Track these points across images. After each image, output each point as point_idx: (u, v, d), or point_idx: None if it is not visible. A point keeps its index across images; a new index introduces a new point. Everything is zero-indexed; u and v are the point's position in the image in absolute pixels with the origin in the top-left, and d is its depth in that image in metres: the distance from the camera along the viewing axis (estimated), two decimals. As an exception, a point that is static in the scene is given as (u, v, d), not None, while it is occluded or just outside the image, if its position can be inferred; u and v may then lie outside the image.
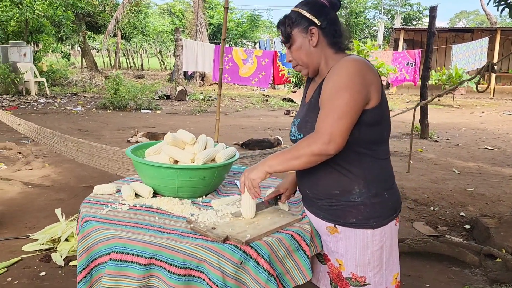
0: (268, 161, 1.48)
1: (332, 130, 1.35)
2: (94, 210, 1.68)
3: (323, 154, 1.38)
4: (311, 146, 1.37)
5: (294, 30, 1.51)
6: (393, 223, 1.54)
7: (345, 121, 1.36)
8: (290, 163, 1.43)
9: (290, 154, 1.43)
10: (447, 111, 13.34)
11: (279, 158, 1.46)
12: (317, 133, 1.38)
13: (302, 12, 1.50)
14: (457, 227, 3.85)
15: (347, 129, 1.37)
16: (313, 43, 1.49)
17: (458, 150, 7.21)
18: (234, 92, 17.82)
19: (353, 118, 1.38)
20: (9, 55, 12.51)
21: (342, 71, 1.40)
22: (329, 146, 1.35)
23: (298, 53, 1.53)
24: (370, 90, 1.41)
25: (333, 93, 1.39)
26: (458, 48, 14.81)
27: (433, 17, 7.49)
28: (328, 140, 1.35)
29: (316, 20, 1.48)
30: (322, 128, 1.37)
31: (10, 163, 5.42)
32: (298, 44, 1.51)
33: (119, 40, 26.56)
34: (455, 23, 51.30)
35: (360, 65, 1.41)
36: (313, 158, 1.39)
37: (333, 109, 1.37)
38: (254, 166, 1.51)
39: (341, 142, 1.36)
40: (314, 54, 1.51)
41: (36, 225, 3.53)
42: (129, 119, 9.54)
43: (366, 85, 1.40)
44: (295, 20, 1.50)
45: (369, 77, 1.41)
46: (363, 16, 29.21)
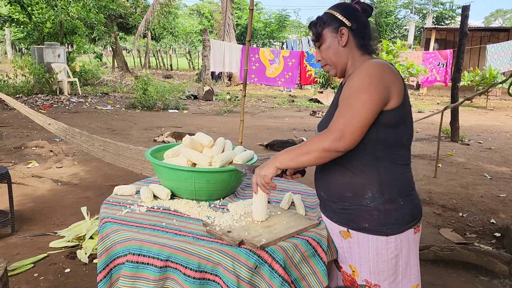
0: (279, 156, 1.49)
1: (343, 127, 1.35)
2: (113, 211, 1.71)
3: (333, 150, 1.37)
4: (322, 142, 1.38)
5: (325, 30, 1.55)
6: (410, 232, 1.50)
7: (358, 120, 1.36)
8: (301, 158, 1.43)
9: (301, 150, 1.43)
10: (480, 113, 12.92)
11: (290, 153, 1.46)
12: (329, 130, 1.39)
13: (334, 13, 1.54)
14: (486, 234, 3.72)
15: (360, 128, 1.37)
16: (342, 42, 1.52)
17: (490, 154, 6.96)
18: (260, 93, 17.83)
19: (368, 118, 1.37)
20: (44, 56, 12.95)
21: (362, 73, 1.42)
22: (340, 143, 1.35)
23: (327, 52, 1.56)
24: (390, 92, 1.40)
25: (351, 93, 1.40)
26: (493, 48, 14.28)
27: (465, 16, 7.26)
28: (339, 137, 1.35)
29: (346, 22, 1.52)
30: (334, 125, 1.38)
31: (42, 160, 5.60)
32: (327, 44, 1.55)
33: (149, 41, 27.07)
34: (491, 22, 49.61)
35: (381, 67, 1.42)
36: (323, 154, 1.39)
37: (348, 107, 1.38)
38: (265, 163, 1.52)
39: (352, 140, 1.36)
40: (342, 53, 1.54)
41: (64, 222, 3.63)
42: (156, 119, 9.69)
43: (386, 86, 1.39)
44: (326, 20, 1.55)
45: (389, 79, 1.41)
46: (393, 16, 28.65)
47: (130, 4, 22.40)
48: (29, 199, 4.17)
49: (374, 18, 27.80)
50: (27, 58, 13.22)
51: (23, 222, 3.60)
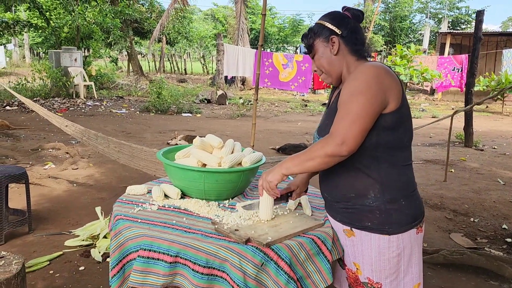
0: (285, 163, 1.53)
1: (345, 132, 1.39)
2: (126, 209, 1.78)
3: (336, 155, 1.41)
4: (324, 147, 1.42)
5: (316, 40, 1.58)
6: (413, 232, 1.53)
7: (358, 124, 1.39)
8: (306, 164, 1.48)
9: (306, 156, 1.48)
10: (495, 118, 12.77)
11: (295, 160, 1.51)
12: (331, 135, 1.42)
13: (324, 23, 1.58)
14: (498, 240, 3.70)
15: (361, 132, 1.40)
16: (334, 51, 1.55)
17: (504, 160, 6.89)
18: (274, 97, 17.88)
19: (368, 122, 1.41)
20: (61, 60, 13.22)
21: (359, 76, 1.45)
22: (342, 148, 1.39)
23: (320, 61, 1.60)
24: (388, 95, 1.43)
25: (349, 97, 1.43)
26: (509, 53, 14.09)
27: (479, 21, 7.22)
28: (341, 142, 1.39)
29: (336, 30, 1.55)
30: (336, 130, 1.41)
31: (58, 162, 5.73)
32: (320, 53, 1.59)
33: (164, 45, 27.37)
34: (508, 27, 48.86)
35: (378, 70, 1.44)
36: (327, 159, 1.43)
37: (348, 112, 1.41)
38: (272, 169, 1.57)
39: (354, 144, 1.40)
40: (335, 62, 1.57)
41: (79, 222, 3.72)
42: (170, 122, 9.82)
43: (383, 90, 1.42)
44: (317, 31, 1.59)
45: (387, 82, 1.44)
46: (408, 20, 28.50)
47: (146, 9, 22.70)
48: (46, 199, 4.28)
49: (389, 22, 27.71)
50: (45, 62, 13.51)
51: (39, 222, 3.70)
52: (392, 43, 26.12)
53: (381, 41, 25.34)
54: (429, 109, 14.20)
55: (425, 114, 13.07)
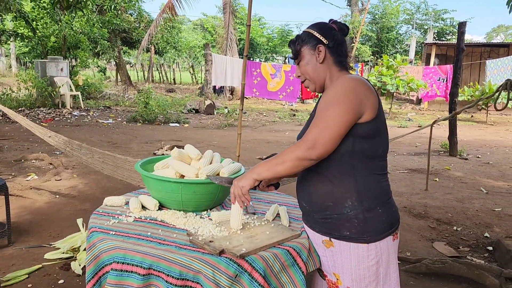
0: (257, 168, 1.55)
1: (316, 137, 1.43)
2: (101, 222, 1.76)
3: (305, 159, 1.45)
4: (295, 151, 1.46)
5: (303, 48, 1.64)
6: (389, 239, 1.56)
7: (330, 131, 1.43)
8: (276, 168, 1.50)
9: (277, 160, 1.50)
10: (479, 127, 12.95)
11: (267, 164, 1.53)
12: (303, 139, 1.47)
13: (312, 32, 1.63)
14: (480, 248, 3.73)
15: (332, 139, 1.44)
16: (320, 59, 1.60)
17: (488, 169, 6.98)
18: (262, 107, 17.94)
19: (340, 130, 1.44)
20: (47, 70, 13.12)
21: (338, 87, 1.50)
22: (312, 152, 1.43)
23: (305, 68, 1.65)
24: (364, 106, 1.48)
25: (326, 105, 1.48)
26: (493, 63, 14.37)
27: (462, 32, 7.35)
28: (311, 146, 1.43)
29: (324, 40, 1.60)
30: (308, 135, 1.46)
31: (41, 173, 5.66)
32: (306, 60, 1.64)
33: (153, 55, 27.36)
34: (492, 38, 49.91)
35: (356, 82, 1.50)
36: (297, 163, 1.46)
37: (322, 119, 1.46)
38: (243, 174, 1.59)
39: (323, 149, 1.44)
40: (320, 70, 1.62)
41: (60, 234, 3.67)
42: (157, 132, 9.78)
43: (360, 101, 1.46)
44: (304, 39, 1.64)
45: (364, 94, 1.48)
46: (394, 31, 28.94)
47: (134, 19, 22.73)
48: (27, 211, 4.22)
49: (376, 33, 28.09)
50: (31, 72, 13.40)
51: (20, 234, 3.63)
52: (379, 53, 26.46)
53: (368, 52, 25.65)
54: (416, 119, 14.36)
55: (412, 123, 13.20)
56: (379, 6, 28.27)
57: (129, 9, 22.16)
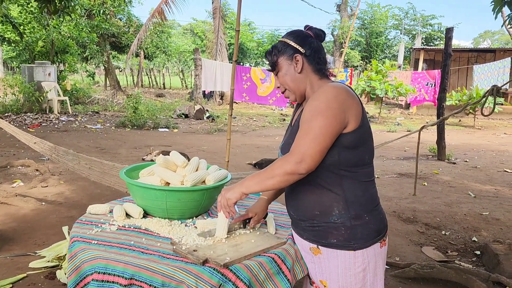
0: (245, 182, 1.53)
1: (304, 150, 1.41)
2: (84, 231, 1.73)
3: (295, 173, 1.43)
4: (284, 166, 1.43)
5: (280, 58, 1.60)
6: (377, 246, 1.55)
7: (318, 143, 1.41)
8: (265, 183, 1.48)
9: (265, 174, 1.48)
10: (467, 132, 13.08)
11: (255, 178, 1.51)
12: (290, 153, 1.44)
13: (288, 41, 1.60)
14: (468, 252, 3.75)
15: (320, 151, 1.42)
16: (298, 69, 1.58)
17: (476, 173, 7.04)
18: (252, 111, 17.93)
19: (327, 141, 1.43)
20: (34, 75, 12.96)
21: (320, 97, 1.48)
22: (300, 166, 1.41)
23: (284, 79, 1.61)
24: (348, 115, 1.46)
25: (310, 117, 1.46)
26: (479, 68, 14.60)
27: (449, 38, 7.43)
28: (300, 160, 1.41)
29: (300, 48, 1.57)
30: (296, 148, 1.44)
31: (27, 180, 5.57)
32: (284, 71, 1.60)
33: (142, 60, 27.25)
34: (479, 43, 50.62)
35: (339, 91, 1.48)
36: (286, 177, 1.44)
37: (308, 131, 1.43)
38: (232, 186, 1.57)
39: (312, 162, 1.42)
40: (299, 79, 1.59)
41: (46, 242, 3.60)
42: (146, 138, 9.71)
43: (343, 110, 1.45)
44: (281, 49, 1.60)
45: (347, 103, 1.47)
46: (383, 36, 29.20)
47: (123, 23, 22.62)
48: (12, 219, 4.14)
49: (365, 38, 28.32)
50: (17, 77, 13.23)
51: (4, 242, 3.56)
52: (368, 58, 26.66)
53: (357, 57, 25.85)
54: (404, 123, 14.46)
55: (400, 128, 13.29)
56: (368, 12, 28.54)
57: (118, 14, 22.04)
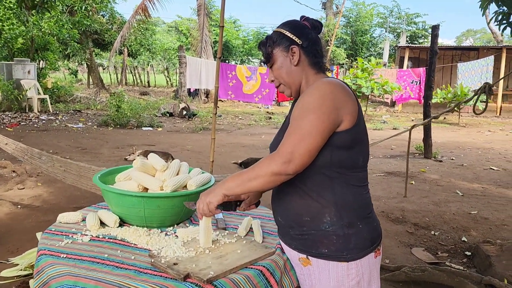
0: (226, 183, 1.40)
1: (292, 149, 1.30)
2: (53, 242, 1.57)
3: (282, 174, 1.31)
4: (270, 165, 1.31)
5: (275, 50, 1.48)
6: (371, 256, 1.43)
7: (308, 142, 1.30)
8: (249, 184, 1.35)
9: (249, 175, 1.35)
10: (452, 129, 13.15)
11: (238, 179, 1.38)
12: (277, 152, 1.32)
13: (284, 32, 1.47)
14: (458, 253, 3.68)
15: (310, 151, 1.31)
16: (294, 61, 1.46)
17: (462, 171, 7.02)
18: (238, 109, 17.78)
19: (317, 141, 1.31)
20: (13, 72, 12.57)
21: (313, 92, 1.36)
22: (289, 166, 1.29)
23: (279, 72, 1.49)
24: (342, 113, 1.34)
25: (300, 113, 1.34)
26: (464, 66, 14.71)
27: (435, 35, 7.40)
28: (288, 160, 1.29)
29: (297, 40, 1.46)
30: (283, 147, 1.32)
31: (2, 181, 5.34)
32: (279, 63, 1.49)
33: (126, 57, 26.84)
34: (462, 41, 51.24)
35: (333, 87, 1.36)
36: (272, 178, 1.32)
37: (298, 129, 1.32)
38: (212, 189, 1.44)
39: (301, 162, 1.30)
40: (295, 73, 1.48)
41: (20, 248, 3.41)
42: (129, 137, 9.48)
43: (337, 107, 1.33)
44: (276, 40, 1.48)
45: (342, 100, 1.35)
46: (368, 34, 29.30)
47: (106, 20, 22.21)
48: (-16, 224, 3.93)
49: (350, 36, 28.38)
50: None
51: (-25, 249, 3.37)
52: (353, 56, 26.72)
53: (343, 54, 25.88)
54: (390, 121, 14.48)
55: (386, 126, 13.30)
56: (353, 10, 28.58)
57: (101, 10, 21.62)
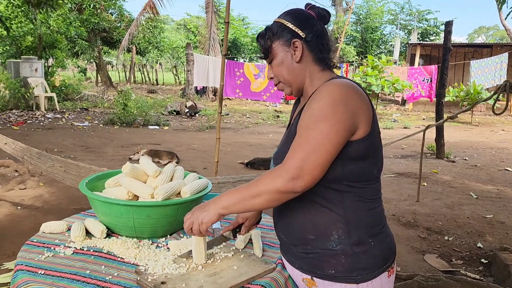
0: (223, 199, 1.23)
1: (301, 164, 1.12)
2: (32, 256, 1.44)
3: (289, 192, 1.14)
4: (275, 181, 1.14)
5: (275, 43, 1.30)
6: (384, 276, 1.27)
7: (319, 155, 1.13)
8: (250, 202, 1.18)
9: (250, 191, 1.18)
10: (465, 129, 12.85)
11: (236, 196, 1.21)
12: (284, 166, 1.15)
13: (285, 23, 1.29)
14: (473, 261, 3.49)
15: (321, 165, 1.14)
16: (297, 57, 1.28)
17: (476, 172, 6.80)
18: (246, 108, 17.63)
19: (331, 153, 1.14)
20: (20, 70, 12.55)
21: (324, 97, 1.18)
22: (297, 183, 1.13)
23: (279, 69, 1.31)
24: (357, 119, 1.17)
25: (310, 122, 1.16)
26: (477, 64, 14.37)
27: (448, 32, 7.17)
28: (296, 176, 1.12)
29: (300, 32, 1.27)
30: (290, 161, 1.14)
31: (4, 181, 5.25)
32: (279, 59, 1.30)
33: (134, 55, 26.83)
34: (474, 39, 50.52)
35: (346, 90, 1.18)
36: (277, 196, 1.15)
37: (308, 140, 1.14)
38: (206, 205, 1.26)
39: (311, 179, 1.13)
40: (297, 70, 1.30)
41: (16, 252, 3.27)
42: (135, 135, 9.38)
43: (352, 113, 1.16)
44: (276, 32, 1.30)
45: (356, 104, 1.18)
46: (379, 31, 28.96)
47: (115, 18, 22.19)
48: (-18, 225, 3.83)
49: (360, 33, 28.07)
50: (2, 73, 12.82)
51: (-30, 252, 3.26)
52: (363, 53, 26.42)
53: (353, 52, 25.58)
54: (401, 120, 14.22)
55: (397, 124, 13.05)
56: (363, 6, 28.25)
57: (109, 8, 21.61)
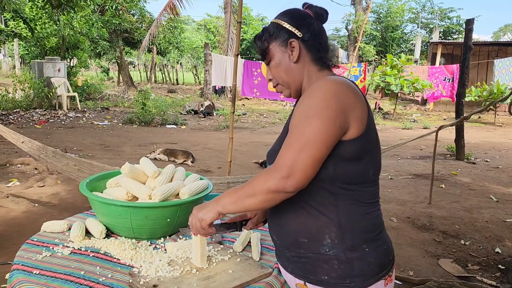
0: (222, 198, 1.23)
1: (292, 162, 1.10)
2: (30, 255, 1.44)
3: (280, 191, 1.12)
4: (267, 181, 1.13)
5: (272, 44, 1.29)
6: (380, 284, 1.23)
7: (310, 153, 1.10)
8: (245, 202, 1.17)
9: (245, 191, 1.17)
10: (487, 129, 12.52)
11: (233, 196, 1.20)
12: (275, 166, 1.13)
13: (281, 23, 1.28)
14: (491, 266, 3.38)
15: (312, 163, 1.11)
16: (294, 58, 1.26)
17: (497, 174, 6.60)
18: (263, 107, 17.61)
19: (322, 151, 1.11)
20: (44, 70, 12.87)
21: (316, 94, 1.15)
22: (287, 182, 1.10)
23: (277, 70, 1.30)
24: (350, 117, 1.14)
25: (301, 119, 1.14)
26: (501, 62, 13.97)
27: (469, 30, 6.98)
28: (287, 175, 1.10)
29: (297, 32, 1.25)
30: (282, 160, 1.12)
31: (24, 179, 5.36)
32: (276, 60, 1.29)
33: (155, 55, 27.14)
34: (499, 37, 49.19)
35: (339, 87, 1.16)
36: (270, 196, 1.14)
37: (298, 137, 1.12)
38: (206, 204, 1.27)
39: (303, 178, 1.11)
40: (295, 71, 1.28)
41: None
42: (152, 135, 9.47)
43: (344, 111, 1.13)
44: (273, 32, 1.29)
45: (349, 101, 1.15)
46: (399, 30, 28.53)
47: (136, 19, 22.48)
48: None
49: (380, 32, 27.69)
50: (27, 73, 13.15)
51: (-14, 249, 3.34)
52: (383, 53, 26.05)
53: (372, 51, 25.27)
54: (421, 120, 13.95)
55: (416, 125, 12.81)
56: (383, 5, 27.88)
57: (131, 9, 21.91)
